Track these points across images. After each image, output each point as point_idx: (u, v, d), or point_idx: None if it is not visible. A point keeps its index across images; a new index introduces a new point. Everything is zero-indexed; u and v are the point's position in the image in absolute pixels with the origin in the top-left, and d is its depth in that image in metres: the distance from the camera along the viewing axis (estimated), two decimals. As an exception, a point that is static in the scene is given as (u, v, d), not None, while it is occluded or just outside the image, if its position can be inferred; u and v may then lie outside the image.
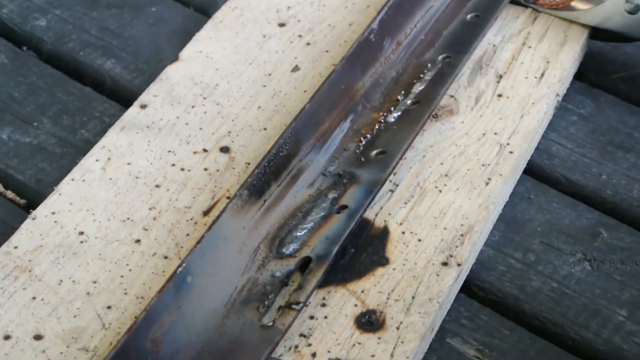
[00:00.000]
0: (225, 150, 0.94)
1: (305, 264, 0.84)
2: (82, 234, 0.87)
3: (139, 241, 0.87)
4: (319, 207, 0.88)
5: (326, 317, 0.81)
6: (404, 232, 0.87)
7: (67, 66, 1.07)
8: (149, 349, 0.76)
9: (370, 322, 0.81)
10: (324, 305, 0.82)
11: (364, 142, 0.93)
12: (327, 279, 0.83)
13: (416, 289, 0.83)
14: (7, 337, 0.80)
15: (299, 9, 1.08)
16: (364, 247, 0.86)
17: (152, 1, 1.13)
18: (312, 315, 0.81)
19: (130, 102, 0.99)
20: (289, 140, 0.90)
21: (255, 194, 0.86)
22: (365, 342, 0.80)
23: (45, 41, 1.08)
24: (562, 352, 0.84)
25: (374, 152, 0.92)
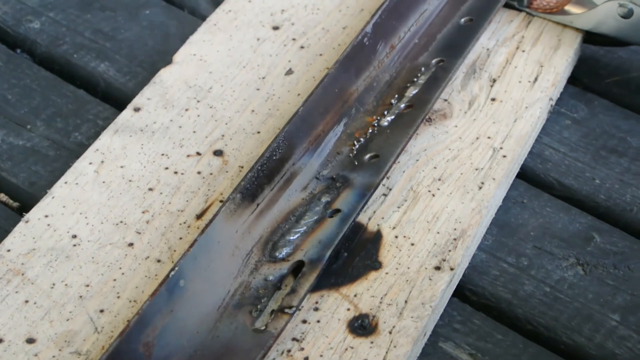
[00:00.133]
0: (218, 153, 0.94)
1: (298, 267, 0.84)
2: (75, 237, 0.87)
3: (132, 244, 0.87)
4: (312, 211, 0.88)
5: (319, 321, 0.81)
6: (397, 236, 0.87)
7: (60, 69, 1.07)
8: (141, 352, 0.76)
9: (362, 326, 0.81)
10: (316, 309, 0.82)
11: (357, 146, 0.93)
12: (320, 283, 0.83)
13: (409, 293, 0.83)
14: (-1, 341, 0.80)
15: (293, 12, 1.08)
16: (357, 251, 0.86)
17: (146, 4, 1.12)
18: (304, 319, 0.81)
19: (123, 105, 0.99)
20: (283, 143, 0.89)
21: (248, 197, 0.86)
22: (357, 346, 0.80)
23: (39, 44, 1.08)
24: (554, 356, 0.84)
25: (368, 156, 0.92)
